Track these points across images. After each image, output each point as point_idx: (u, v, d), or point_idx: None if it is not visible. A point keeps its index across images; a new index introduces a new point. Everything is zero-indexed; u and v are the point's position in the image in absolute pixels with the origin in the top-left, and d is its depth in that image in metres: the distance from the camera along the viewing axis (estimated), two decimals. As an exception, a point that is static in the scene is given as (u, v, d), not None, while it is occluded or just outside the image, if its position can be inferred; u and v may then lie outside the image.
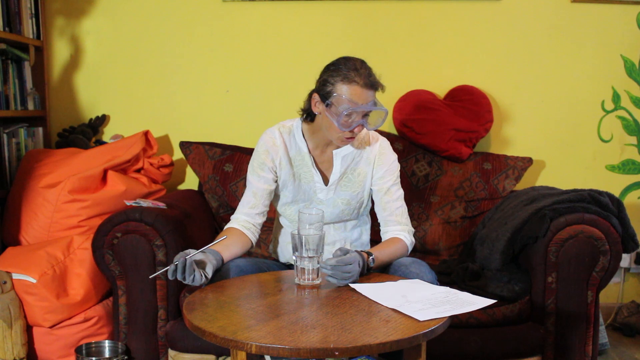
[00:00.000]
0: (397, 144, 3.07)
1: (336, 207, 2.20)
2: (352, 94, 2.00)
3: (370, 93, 2.02)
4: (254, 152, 2.22)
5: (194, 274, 1.85)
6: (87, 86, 3.27)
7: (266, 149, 2.18)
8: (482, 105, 3.14)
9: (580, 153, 3.31)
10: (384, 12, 3.23)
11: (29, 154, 2.91)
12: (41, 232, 2.71)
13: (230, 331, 1.55)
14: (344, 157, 2.19)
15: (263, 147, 2.19)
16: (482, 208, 3.01)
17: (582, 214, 2.43)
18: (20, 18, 2.95)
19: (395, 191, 2.20)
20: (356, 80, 2.00)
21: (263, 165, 2.17)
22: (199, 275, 1.87)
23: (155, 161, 3.03)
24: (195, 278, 1.86)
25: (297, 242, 1.88)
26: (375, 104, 2.05)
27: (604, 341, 2.88)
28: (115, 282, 2.47)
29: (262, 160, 2.17)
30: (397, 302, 1.72)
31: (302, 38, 3.24)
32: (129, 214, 2.43)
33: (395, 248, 2.14)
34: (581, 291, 2.43)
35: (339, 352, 1.47)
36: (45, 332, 2.54)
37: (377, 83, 2.05)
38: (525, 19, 3.23)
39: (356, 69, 2.02)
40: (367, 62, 2.08)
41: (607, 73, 3.26)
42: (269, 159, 2.17)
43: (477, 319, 2.43)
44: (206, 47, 3.25)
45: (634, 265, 3.31)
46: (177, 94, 3.28)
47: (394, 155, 2.24)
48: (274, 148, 2.18)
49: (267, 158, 2.17)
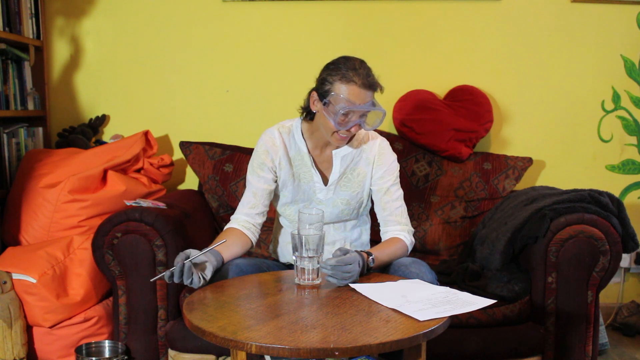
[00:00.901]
0: (397, 144, 3.07)
1: (336, 207, 2.20)
2: (350, 94, 2.00)
3: (369, 93, 2.03)
4: (254, 152, 2.22)
5: (192, 277, 1.86)
6: (87, 86, 3.27)
7: (266, 149, 2.19)
8: (482, 105, 3.14)
9: (580, 153, 3.31)
10: (384, 12, 3.23)
11: (29, 154, 2.91)
12: (41, 232, 2.71)
13: (230, 331, 1.55)
14: (343, 157, 2.19)
15: (263, 147, 2.19)
16: (482, 208, 3.01)
17: (582, 214, 2.43)
18: (20, 18, 2.95)
19: (394, 191, 2.21)
20: (354, 80, 2.00)
21: (263, 165, 2.17)
22: (197, 278, 1.87)
23: (155, 161, 3.04)
24: (194, 281, 1.87)
25: (297, 242, 1.88)
26: (374, 104, 2.05)
27: (604, 341, 2.88)
28: (115, 282, 2.47)
29: (262, 160, 2.18)
30: (397, 302, 1.72)
31: (302, 38, 3.24)
32: (129, 214, 2.43)
33: (395, 248, 2.14)
34: (581, 291, 2.43)
35: (339, 352, 1.47)
36: (45, 332, 2.54)
37: (375, 83, 2.05)
38: (525, 19, 3.23)
39: (355, 68, 2.02)
40: (366, 62, 2.08)
41: (607, 73, 3.26)
42: (268, 159, 2.18)
43: (477, 319, 2.43)
44: (206, 47, 3.25)
45: (634, 265, 3.32)
46: (177, 94, 3.28)
47: (394, 155, 2.24)
48: (273, 148, 2.18)
49: (267, 158, 2.18)
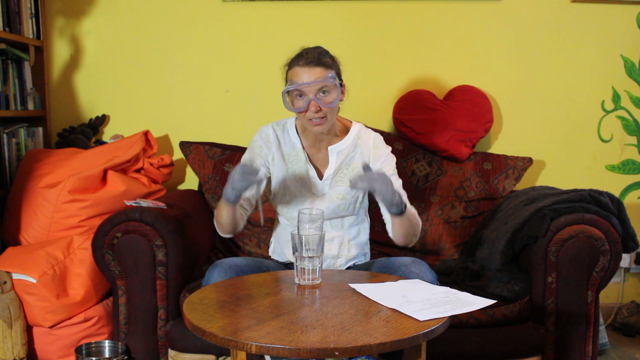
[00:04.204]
0: (397, 144, 3.07)
1: (332, 202, 2.22)
2: (293, 75, 2.09)
3: (315, 70, 2.06)
4: (249, 146, 2.27)
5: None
6: (87, 86, 3.27)
7: (260, 144, 2.24)
8: (482, 105, 3.14)
9: (580, 153, 3.31)
10: (384, 12, 3.23)
11: (29, 154, 2.91)
12: (41, 232, 2.71)
13: (230, 331, 1.55)
14: (339, 152, 2.23)
15: (257, 142, 2.25)
16: (482, 208, 3.01)
17: (582, 214, 2.43)
18: (20, 18, 2.95)
19: (395, 180, 2.23)
20: (299, 63, 2.08)
21: (256, 159, 2.22)
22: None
23: (155, 161, 3.03)
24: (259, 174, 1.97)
25: (297, 242, 1.88)
26: (325, 80, 2.06)
27: (604, 341, 2.88)
28: (115, 282, 2.47)
29: (256, 154, 2.23)
30: (397, 302, 1.72)
31: (302, 38, 3.19)
32: (129, 214, 2.43)
33: (413, 213, 2.13)
34: (581, 291, 2.43)
35: (339, 352, 1.47)
36: (45, 332, 2.54)
37: (318, 59, 2.07)
38: (525, 19, 3.23)
39: (302, 54, 2.10)
40: (323, 48, 2.13)
41: (607, 73, 3.26)
42: (262, 154, 2.23)
43: (477, 319, 2.43)
44: (206, 47, 3.25)
45: (634, 265, 3.32)
46: (177, 94, 3.28)
47: (389, 147, 2.28)
48: (267, 144, 2.23)
49: (261, 153, 2.23)
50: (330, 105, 2.08)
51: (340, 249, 2.25)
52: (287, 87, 2.10)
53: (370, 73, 3.24)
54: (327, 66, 2.08)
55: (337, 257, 2.25)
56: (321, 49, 2.13)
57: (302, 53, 2.11)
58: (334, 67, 2.11)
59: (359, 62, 3.22)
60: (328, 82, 2.06)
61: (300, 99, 2.08)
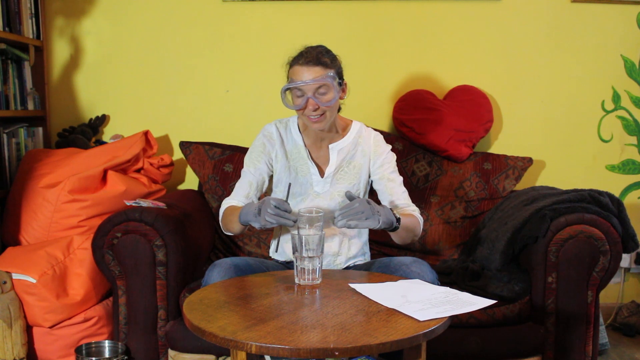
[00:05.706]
0: (397, 144, 3.07)
1: (333, 200, 2.23)
2: (293, 73, 2.12)
3: (314, 69, 2.08)
4: (252, 144, 2.29)
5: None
6: (87, 86, 3.27)
7: (263, 142, 2.26)
8: (482, 105, 3.14)
9: (580, 153, 3.31)
10: (384, 12, 3.23)
11: (29, 154, 2.90)
12: (41, 232, 2.71)
13: (230, 331, 1.55)
14: (340, 150, 2.25)
15: (260, 140, 2.28)
16: (482, 208, 3.01)
17: (582, 214, 2.43)
18: (20, 18, 2.95)
19: (396, 177, 2.28)
20: (298, 62, 2.11)
21: (260, 156, 2.24)
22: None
23: (155, 161, 3.03)
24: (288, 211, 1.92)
25: (297, 242, 1.88)
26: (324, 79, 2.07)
27: (604, 341, 2.88)
28: (115, 282, 2.47)
29: (260, 152, 2.25)
30: (397, 302, 1.72)
31: (302, 38, 3.19)
32: (129, 214, 2.43)
33: (410, 219, 2.17)
34: (581, 291, 2.43)
35: (339, 352, 1.47)
36: (45, 332, 2.54)
37: (318, 59, 2.09)
38: (525, 19, 3.24)
39: (302, 53, 2.13)
40: (325, 47, 2.15)
41: (607, 73, 3.26)
42: (265, 152, 2.25)
43: (477, 319, 2.43)
44: (206, 47, 3.25)
45: (634, 265, 3.32)
46: (177, 94, 3.27)
47: (389, 145, 2.32)
48: (270, 141, 2.26)
49: (264, 151, 2.25)
50: (328, 104, 2.10)
51: (341, 247, 2.25)
52: (285, 86, 2.14)
53: (370, 73, 3.24)
54: (326, 65, 2.10)
55: (338, 254, 2.25)
56: (322, 48, 2.15)
57: (303, 52, 2.14)
58: (333, 67, 2.12)
59: (359, 62, 3.22)
60: (325, 82, 2.08)
61: (299, 97, 2.12)
